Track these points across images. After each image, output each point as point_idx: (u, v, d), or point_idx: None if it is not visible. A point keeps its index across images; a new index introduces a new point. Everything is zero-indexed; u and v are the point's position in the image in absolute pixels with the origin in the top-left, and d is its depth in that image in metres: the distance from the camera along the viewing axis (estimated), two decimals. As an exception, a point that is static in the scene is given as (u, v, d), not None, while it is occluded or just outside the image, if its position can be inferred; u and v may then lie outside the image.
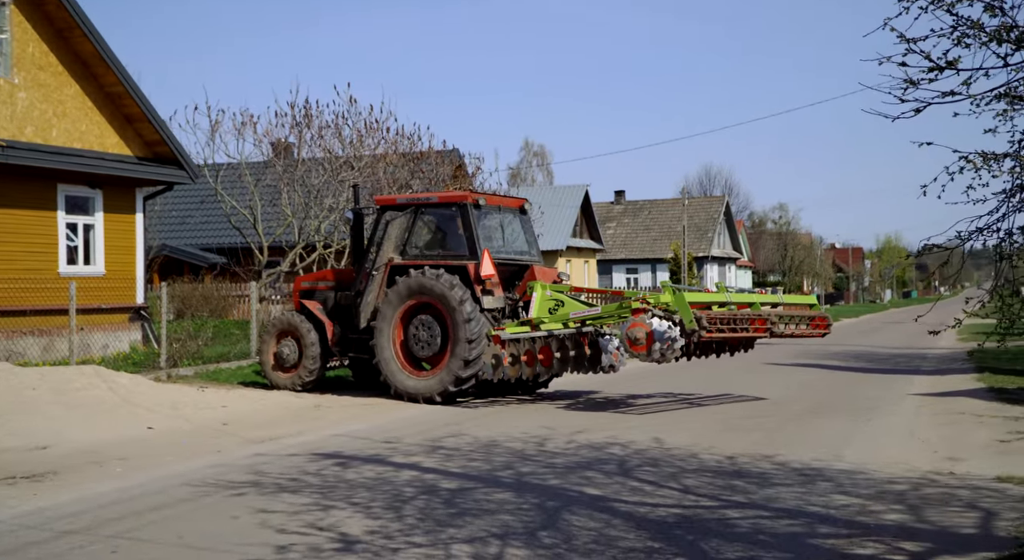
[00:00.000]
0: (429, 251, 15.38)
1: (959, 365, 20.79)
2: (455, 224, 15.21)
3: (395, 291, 14.88)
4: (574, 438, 11.15)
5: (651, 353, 12.93)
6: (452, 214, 15.24)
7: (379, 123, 29.36)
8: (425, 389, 14.56)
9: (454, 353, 14.33)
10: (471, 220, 14.88)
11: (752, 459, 9.75)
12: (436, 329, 14.64)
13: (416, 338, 14.79)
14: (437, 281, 14.48)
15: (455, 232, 15.20)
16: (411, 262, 15.09)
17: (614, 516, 7.37)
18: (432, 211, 15.57)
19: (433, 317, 14.69)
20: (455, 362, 14.32)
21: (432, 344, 14.66)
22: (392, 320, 14.86)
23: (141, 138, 20.32)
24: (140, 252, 21.01)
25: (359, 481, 8.70)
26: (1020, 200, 5.69)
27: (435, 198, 15.73)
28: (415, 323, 14.82)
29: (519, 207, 16.21)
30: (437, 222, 15.67)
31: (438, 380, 14.48)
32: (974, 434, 11.42)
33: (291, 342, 15.88)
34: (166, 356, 17.73)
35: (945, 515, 7.40)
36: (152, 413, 12.96)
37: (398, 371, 14.83)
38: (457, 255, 14.92)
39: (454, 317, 14.34)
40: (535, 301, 14.54)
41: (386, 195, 16.33)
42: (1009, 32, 5.62)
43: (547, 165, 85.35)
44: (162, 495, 8.25)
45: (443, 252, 15.23)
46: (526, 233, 16.08)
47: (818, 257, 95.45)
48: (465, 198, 15.20)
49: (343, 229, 28.18)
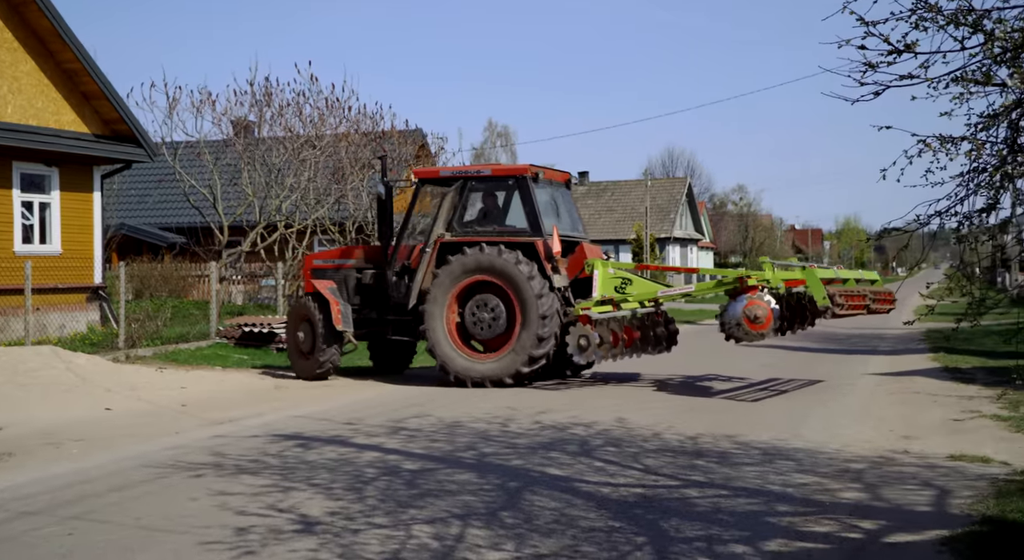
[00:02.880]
0: (482, 227, 14.59)
1: (915, 345, 21.10)
2: (513, 198, 14.62)
3: (448, 270, 14.14)
4: (538, 418, 11.17)
5: (769, 331, 12.74)
6: (509, 187, 14.62)
7: (341, 102, 29.17)
8: (492, 372, 13.90)
9: (525, 332, 13.73)
10: (532, 194, 14.24)
11: (713, 439, 9.84)
12: (500, 309, 13.99)
13: (476, 319, 14.12)
14: (500, 258, 13.84)
15: (514, 207, 14.57)
16: (464, 239, 14.33)
17: (576, 496, 7.40)
18: (485, 185, 14.81)
19: (496, 296, 14.05)
20: (527, 341, 13.70)
21: (496, 325, 14.03)
22: (445, 301, 14.14)
23: (99, 116, 20.00)
24: (98, 231, 20.73)
25: (320, 462, 8.66)
26: (977, 183, 5.77)
27: (488, 171, 14.98)
28: (474, 303, 14.14)
29: (565, 181, 15.61)
30: (491, 196, 14.93)
31: (508, 361, 13.83)
32: (929, 413, 11.60)
33: (306, 327, 15.11)
34: (124, 336, 17.55)
35: (900, 493, 7.51)
36: (110, 394, 12.82)
37: (456, 354, 14.13)
38: (517, 231, 14.32)
39: (522, 294, 13.73)
40: (598, 279, 14.00)
41: (426, 167, 15.45)
42: (966, 15, 5.66)
43: (511, 146, 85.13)
44: (120, 477, 8.17)
45: (499, 228, 14.54)
46: (573, 209, 15.63)
47: (778, 238, 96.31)
48: (525, 171, 14.43)
49: (304, 208, 27.98)
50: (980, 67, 5.78)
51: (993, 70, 5.73)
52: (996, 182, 5.71)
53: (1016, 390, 12.35)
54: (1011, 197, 6.12)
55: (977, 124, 5.79)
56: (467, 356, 14.16)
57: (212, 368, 16.39)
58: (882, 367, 16.93)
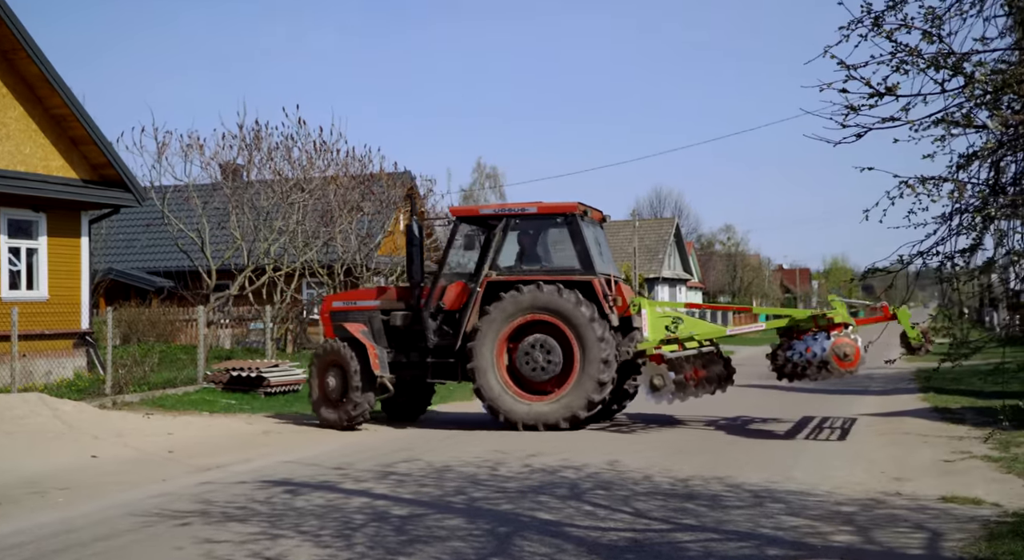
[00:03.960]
0: (529, 266, 14.49)
1: (905, 385, 21.11)
2: (562, 236, 14.44)
3: (500, 308, 13.92)
4: (528, 462, 11.11)
5: (856, 369, 12.74)
6: (557, 225, 14.47)
7: (329, 145, 29.30)
8: (547, 414, 13.66)
9: (584, 375, 13.51)
10: (582, 232, 14.16)
11: (704, 481, 9.79)
12: (556, 350, 13.80)
13: (530, 360, 13.88)
14: (560, 298, 13.68)
15: (563, 245, 14.41)
16: (513, 278, 14.17)
17: (566, 540, 7.34)
18: (530, 222, 14.64)
19: (551, 336, 13.87)
20: (588, 383, 13.51)
21: (551, 366, 13.82)
22: (496, 340, 13.91)
23: (87, 160, 20.03)
24: (85, 276, 20.65)
25: (308, 509, 8.58)
26: (958, 224, 5.82)
27: (533, 209, 14.60)
28: (528, 343, 13.92)
29: (601, 220, 15.57)
30: (537, 234, 14.77)
31: (565, 404, 13.62)
32: (919, 454, 11.57)
33: (336, 373, 14.40)
34: (111, 382, 17.42)
35: (892, 536, 7.47)
36: (97, 441, 12.71)
37: (506, 395, 13.87)
38: (566, 269, 14.17)
39: (583, 336, 13.55)
40: (647, 318, 13.88)
41: (465, 205, 15.20)
42: (946, 58, 5.74)
43: (499, 187, 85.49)
44: (105, 525, 8.07)
45: (547, 267, 14.42)
46: (608, 247, 15.54)
47: (766, 278, 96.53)
48: (574, 209, 14.32)
49: (292, 252, 27.98)
50: (961, 109, 5.84)
51: (974, 113, 5.80)
52: (978, 223, 5.76)
53: (1004, 430, 12.35)
54: (993, 238, 6.16)
55: (957, 164, 5.85)
56: (518, 397, 13.91)
57: (200, 413, 16.27)
58: (873, 407, 16.91)
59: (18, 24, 18.02)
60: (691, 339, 13.74)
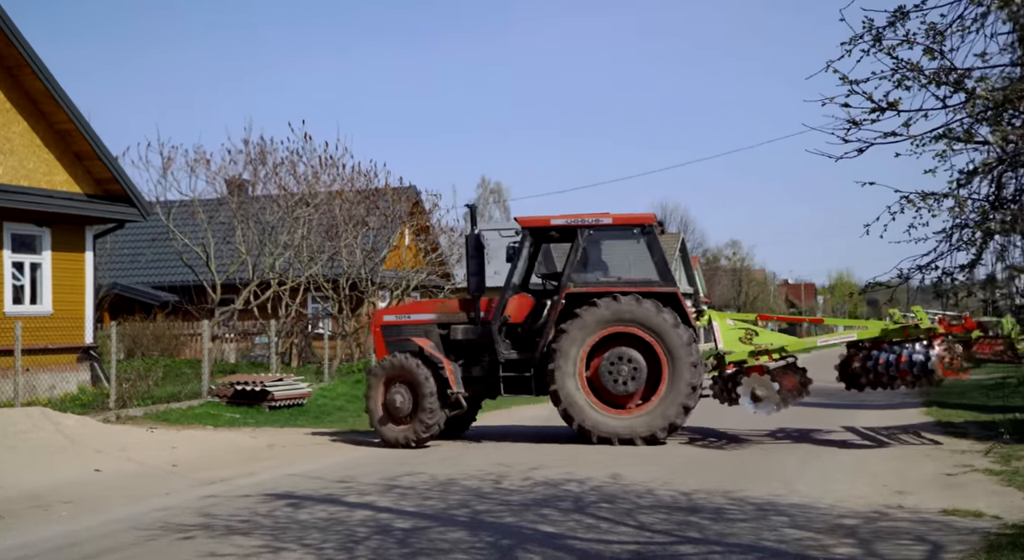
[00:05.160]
0: (606, 277, 14.44)
1: (907, 399, 21.05)
2: (638, 248, 14.41)
3: (580, 322, 13.80)
4: (531, 475, 11.12)
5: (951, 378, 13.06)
6: (633, 237, 14.38)
7: (335, 159, 29.36)
8: (635, 429, 13.58)
9: (675, 382, 13.51)
10: (659, 244, 14.19)
11: (708, 494, 9.79)
12: (640, 361, 13.74)
13: (614, 372, 13.76)
14: (642, 308, 13.63)
15: (638, 257, 14.39)
16: (592, 289, 14.06)
17: (569, 553, 7.35)
18: (605, 234, 14.51)
19: (636, 349, 13.80)
20: (681, 390, 13.49)
21: (636, 379, 13.72)
22: (578, 353, 13.79)
23: (91, 175, 20.11)
24: (89, 291, 20.71)
25: (311, 522, 8.60)
26: (959, 239, 5.84)
27: (608, 220, 14.40)
28: (612, 356, 13.79)
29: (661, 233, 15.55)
30: (611, 246, 14.71)
31: (657, 414, 13.55)
32: (922, 468, 11.57)
33: (403, 389, 13.92)
34: (115, 396, 17.44)
35: (894, 548, 7.47)
36: (100, 455, 12.72)
37: (590, 408, 13.73)
38: (645, 281, 14.14)
39: (669, 344, 13.53)
40: (718, 331, 14.09)
41: (534, 216, 14.78)
42: (948, 74, 5.77)
43: (504, 202, 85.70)
44: (109, 539, 8.09)
45: (624, 278, 14.36)
46: None
47: (771, 293, 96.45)
48: (651, 220, 14.30)
49: (298, 266, 28.03)
50: (962, 125, 5.87)
51: (975, 128, 5.83)
52: (978, 238, 5.78)
53: (1006, 444, 12.34)
54: (993, 253, 6.18)
55: (958, 180, 5.88)
56: (602, 410, 13.79)
57: (204, 427, 16.29)
58: (875, 421, 16.88)
59: (23, 40, 18.13)
60: (783, 350, 13.94)
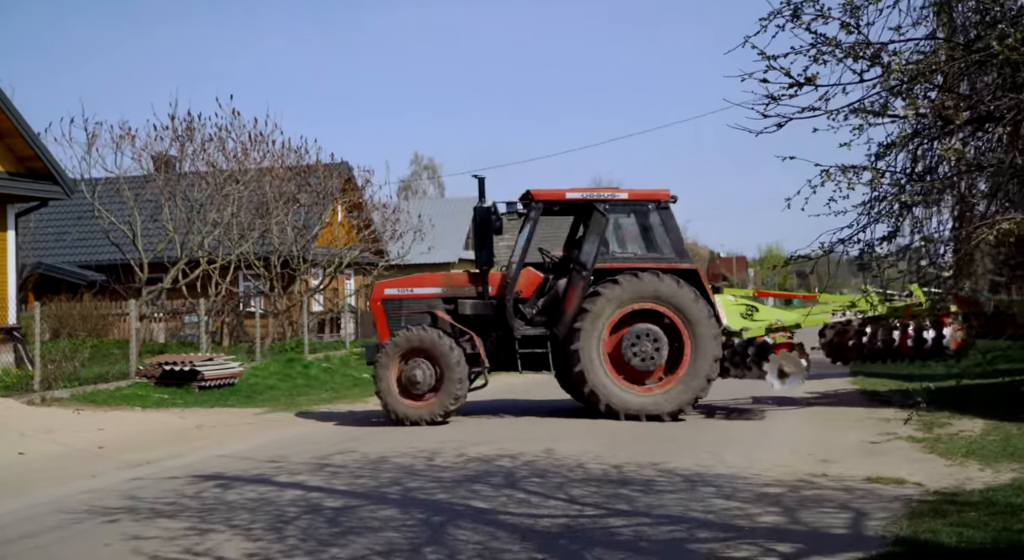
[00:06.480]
0: (622, 253, 14.41)
1: (835, 369, 21.46)
2: (653, 223, 14.28)
3: (603, 299, 13.72)
4: (464, 451, 11.13)
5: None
6: (649, 212, 14.25)
7: (264, 136, 28.91)
8: (661, 405, 13.54)
9: (698, 357, 13.53)
10: (674, 219, 14.16)
11: (638, 467, 9.90)
12: (662, 337, 13.70)
13: (638, 350, 13.69)
14: (664, 284, 13.62)
15: (655, 232, 14.26)
16: (610, 265, 14.03)
17: (500, 528, 7.38)
18: (620, 209, 14.35)
19: (659, 326, 13.76)
20: (704, 364, 13.54)
21: (659, 354, 13.70)
22: (600, 330, 13.72)
23: (13, 153, 19.52)
24: (12, 271, 20.15)
25: (240, 503, 8.51)
26: (878, 211, 5.94)
27: (624, 194, 14.39)
28: (634, 333, 13.73)
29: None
30: (627, 221, 14.61)
31: (680, 389, 13.57)
32: (846, 436, 11.84)
33: (424, 363, 13.59)
34: (40, 378, 17.03)
35: (818, 516, 7.64)
36: (24, 438, 12.45)
37: (613, 385, 13.69)
38: (660, 257, 14.08)
39: (691, 319, 13.57)
40: (720, 307, 14.12)
41: (548, 189, 14.54)
42: (864, 49, 5.84)
43: (438, 178, 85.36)
44: (33, 523, 7.93)
45: (640, 254, 14.32)
46: None
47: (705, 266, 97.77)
48: (666, 196, 14.21)
49: (228, 244, 27.61)
50: (878, 99, 5.95)
51: (890, 102, 5.91)
52: (895, 210, 5.89)
53: (926, 412, 12.65)
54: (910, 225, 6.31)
55: (876, 153, 5.97)
56: (625, 387, 13.75)
57: (131, 408, 16.02)
58: (802, 392, 17.20)
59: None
60: (797, 327, 14.16)
